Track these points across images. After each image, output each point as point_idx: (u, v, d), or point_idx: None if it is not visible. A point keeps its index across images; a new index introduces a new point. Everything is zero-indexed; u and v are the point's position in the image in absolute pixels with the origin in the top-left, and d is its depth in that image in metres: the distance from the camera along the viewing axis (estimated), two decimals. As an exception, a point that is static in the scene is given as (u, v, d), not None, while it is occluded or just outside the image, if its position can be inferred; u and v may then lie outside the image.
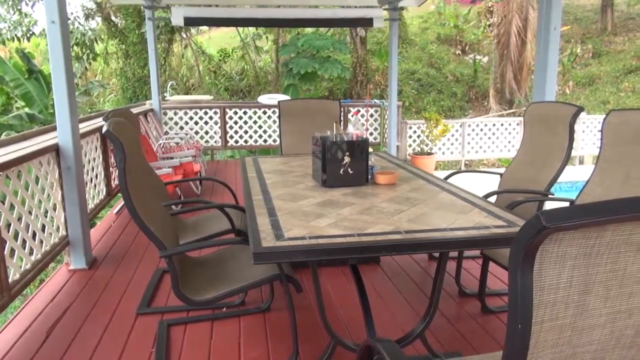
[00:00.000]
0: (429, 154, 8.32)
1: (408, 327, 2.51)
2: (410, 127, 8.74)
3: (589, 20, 22.51)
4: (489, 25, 17.76)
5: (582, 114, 9.47)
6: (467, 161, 9.23)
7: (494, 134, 8.89)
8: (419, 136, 8.71)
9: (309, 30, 13.56)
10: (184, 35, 16.58)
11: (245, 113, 8.57)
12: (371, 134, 8.84)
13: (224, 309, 2.86)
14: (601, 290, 0.84)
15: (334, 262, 3.42)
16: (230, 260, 2.57)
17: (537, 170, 3.12)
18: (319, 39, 12.87)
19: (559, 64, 16.84)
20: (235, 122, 8.56)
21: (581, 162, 9.37)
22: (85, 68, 14.47)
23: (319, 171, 2.60)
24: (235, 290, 2.19)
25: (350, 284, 3.15)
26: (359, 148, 2.56)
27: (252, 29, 16.98)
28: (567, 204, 2.92)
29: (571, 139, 2.90)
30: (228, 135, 8.57)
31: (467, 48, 19.63)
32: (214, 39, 21.44)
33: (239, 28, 16.55)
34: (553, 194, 2.93)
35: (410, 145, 8.74)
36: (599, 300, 0.85)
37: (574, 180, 7.76)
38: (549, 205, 3.05)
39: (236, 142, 8.64)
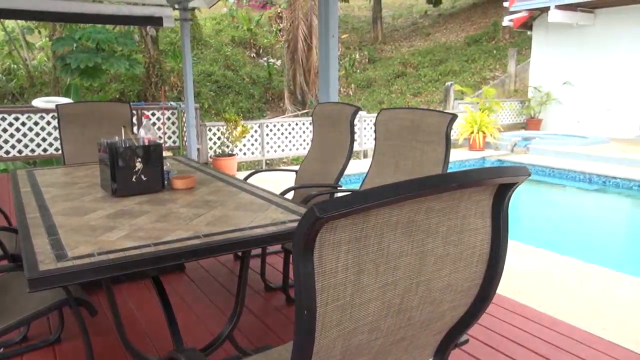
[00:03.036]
0: (231, 155, 8.39)
1: (218, 330, 2.49)
2: (210, 129, 8.68)
3: (364, 30, 25.47)
4: (280, 30, 18.70)
5: (363, 113, 10.66)
6: (268, 160, 9.58)
7: (290, 133, 9.41)
8: (219, 138, 8.71)
9: (90, 23, 12.34)
10: None
11: (17, 119, 7.42)
12: (169, 137, 8.52)
13: (1, 350, 2.43)
14: (372, 268, 0.96)
15: (134, 276, 3.20)
16: (2, 291, 2.20)
17: (327, 165, 3.40)
18: (100, 32, 11.75)
19: (341, 68, 18.69)
20: (5, 130, 7.35)
21: (365, 155, 10.54)
22: None
23: (108, 180, 2.39)
24: (12, 326, 1.88)
25: (154, 296, 2.98)
26: (152, 153, 2.44)
27: (20, 22, 14.73)
28: (353, 194, 3.25)
29: (352, 136, 3.24)
30: (-5, 146, 7.31)
31: (261, 51, 20.37)
32: (-32, 32, 18.02)
33: (1, 20, 14.20)
34: (341, 186, 3.23)
35: (211, 148, 8.68)
36: (371, 277, 0.96)
37: (361, 172, 8.73)
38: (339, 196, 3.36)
39: (7, 152, 7.42)
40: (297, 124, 9.51)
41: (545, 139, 11.03)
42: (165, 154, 3.71)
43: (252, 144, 9.05)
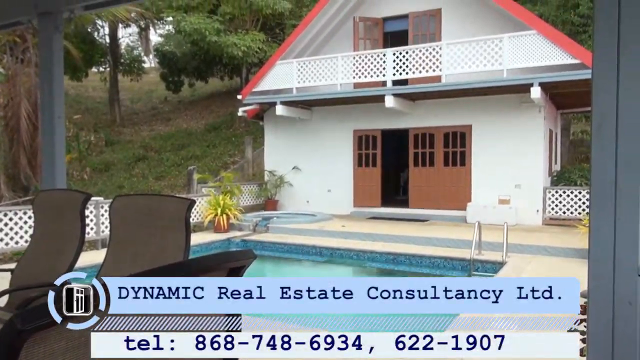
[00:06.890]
0: None
1: None
2: None
3: (100, 111, 24.28)
4: (-5, 107, 16.21)
5: (100, 199, 9.91)
6: (-26, 259, 7.84)
7: (7, 224, 7.99)
8: None
9: None
10: None
11: None
12: None
13: None
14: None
15: None
16: None
17: (54, 260, 2.98)
18: None
19: (75, 151, 17.18)
20: None
21: (104, 245, 9.66)
22: None
23: None
24: None
25: None
26: None
27: None
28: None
29: (83, 225, 2.94)
30: None
31: (-33, 129, 17.15)
32: None
33: None
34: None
35: None
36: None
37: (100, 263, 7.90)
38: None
39: None
40: (16, 213, 8.17)
41: (282, 218, 12.11)
42: None
43: (-49, 241, 7.31)
